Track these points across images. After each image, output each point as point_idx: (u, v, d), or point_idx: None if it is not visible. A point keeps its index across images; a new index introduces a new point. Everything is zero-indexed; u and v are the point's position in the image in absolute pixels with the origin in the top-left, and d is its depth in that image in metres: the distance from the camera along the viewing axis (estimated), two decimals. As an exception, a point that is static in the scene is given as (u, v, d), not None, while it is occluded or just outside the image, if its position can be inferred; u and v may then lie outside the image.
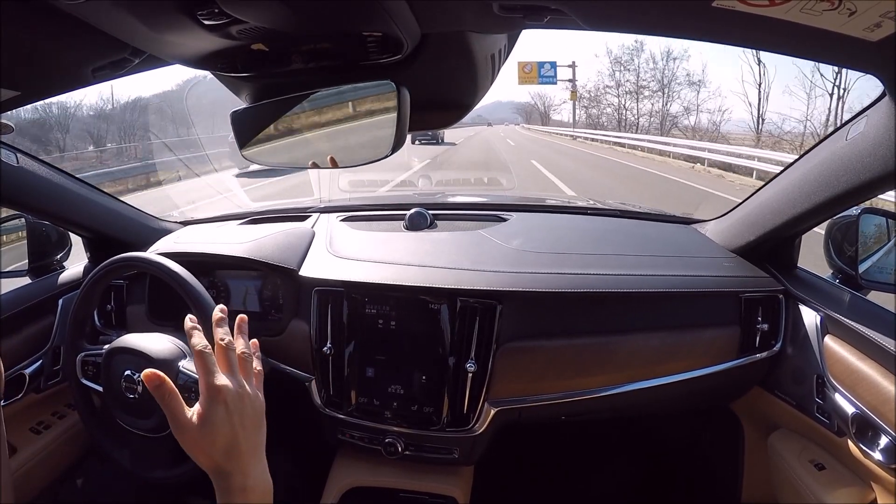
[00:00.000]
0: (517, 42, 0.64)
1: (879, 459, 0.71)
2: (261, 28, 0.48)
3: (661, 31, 0.51)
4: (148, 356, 0.82)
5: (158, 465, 0.89)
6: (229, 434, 0.49)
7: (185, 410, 0.50)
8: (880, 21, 0.40)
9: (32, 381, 1.03)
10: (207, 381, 0.50)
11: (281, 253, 1.04)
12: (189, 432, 0.49)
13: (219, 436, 0.48)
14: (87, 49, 0.55)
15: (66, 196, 1.05)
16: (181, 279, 0.80)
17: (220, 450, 0.49)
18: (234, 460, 0.49)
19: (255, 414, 0.51)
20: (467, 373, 0.92)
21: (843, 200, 0.77)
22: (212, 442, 0.48)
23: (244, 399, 0.51)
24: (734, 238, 1.03)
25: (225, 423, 0.49)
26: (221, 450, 0.49)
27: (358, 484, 1.04)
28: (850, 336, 0.80)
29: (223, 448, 0.49)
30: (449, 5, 0.49)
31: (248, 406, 0.51)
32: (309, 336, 0.99)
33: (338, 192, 1.69)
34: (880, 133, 0.64)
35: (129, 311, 1.14)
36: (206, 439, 0.48)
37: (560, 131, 30.53)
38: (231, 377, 0.51)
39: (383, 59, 0.54)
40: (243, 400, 0.50)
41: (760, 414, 1.03)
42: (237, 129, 0.65)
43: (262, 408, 0.53)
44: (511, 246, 1.04)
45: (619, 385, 0.94)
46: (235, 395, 0.50)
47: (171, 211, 1.50)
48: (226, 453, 0.49)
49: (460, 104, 0.65)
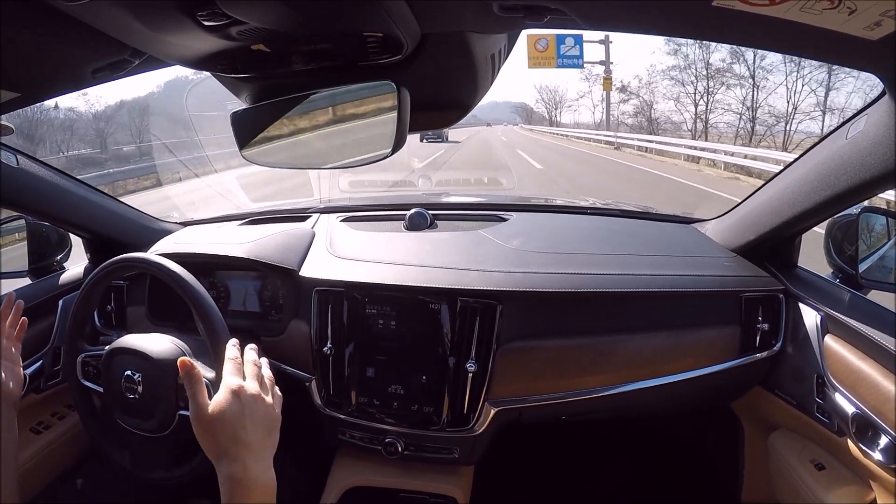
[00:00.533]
0: (517, 42, 0.64)
1: (879, 459, 0.71)
2: (261, 29, 0.48)
3: (661, 31, 0.51)
4: (148, 356, 0.82)
5: (158, 465, 0.89)
6: (238, 426, 0.54)
7: (206, 399, 0.56)
8: (880, 20, 0.40)
9: (32, 381, 1.03)
10: (230, 380, 0.57)
11: (281, 253, 1.04)
12: (203, 418, 0.55)
13: (228, 425, 0.54)
14: (86, 50, 0.55)
15: (66, 197, 1.05)
16: (181, 280, 0.80)
17: (226, 437, 0.54)
18: (237, 449, 0.54)
19: (267, 417, 0.57)
20: (467, 373, 0.92)
21: (843, 199, 0.77)
22: (221, 429, 0.54)
23: (258, 401, 0.57)
24: (734, 237, 1.03)
25: (237, 416, 0.55)
26: (228, 437, 0.54)
27: (358, 484, 1.04)
28: (851, 335, 0.80)
29: (230, 437, 0.54)
30: (449, 5, 0.49)
31: (261, 408, 0.57)
32: (309, 336, 0.99)
33: (338, 193, 1.69)
34: (880, 132, 0.64)
35: (130, 311, 1.14)
36: (216, 426, 0.54)
37: (567, 132, 24.67)
38: (252, 382, 0.58)
39: (383, 60, 0.54)
40: (257, 401, 0.57)
41: (761, 414, 1.03)
42: (237, 130, 0.65)
43: (277, 418, 0.59)
44: (511, 246, 1.04)
45: (619, 385, 0.94)
46: (251, 397, 0.56)
47: (170, 212, 1.50)
48: (232, 441, 0.54)
49: (460, 104, 0.65)
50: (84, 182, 1.11)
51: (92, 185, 1.15)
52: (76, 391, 0.90)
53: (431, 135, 15.35)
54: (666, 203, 5.99)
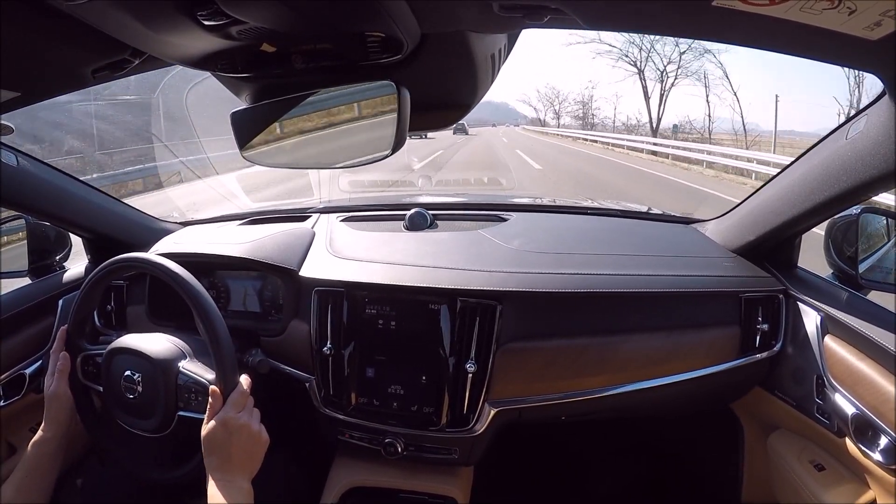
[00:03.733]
0: (517, 42, 0.64)
1: (879, 460, 0.71)
2: (260, 28, 0.48)
3: (661, 31, 0.51)
4: (148, 356, 0.82)
5: (158, 465, 0.89)
6: (223, 451, 0.71)
7: (205, 421, 0.73)
8: (880, 20, 0.40)
9: (32, 381, 1.03)
10: (224, 411, 0.73)
11: (281, 253, 1.04)
12: (203, 440, 0.72)
13: (215, 449, 0.71)
14: (86, 50, 0.55)
15: (67, 197, 1.05)
16: (181, 280, 0.80)
17: (214, 457, 0.71)
18: (220, 470, 0.71)
19: (250, 442, 0.73)
20: (467, 373, 0.92)
21: (843, 200, 0.77)
22: (209, 451, 0.72)
23: (243, 430, 0.73)
24: (734, 238, 1.03)
25: (222, 444, 0.71)
26: (215, 458, 0.71)
27: (358, 484, 1.04)
28: (851, 336, 0.80)
29: (217, 458, 0.71)
30: (449, 5, 0.49)
31: (245, 434, 0.73)
32: (309, 336, 0.99)
33: (338, 193, 1.70)
34: (880, 132, 0.64)
35: (130, 311, 1.14)
36: (208, 447, 0.72)
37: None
38: (243, 413, 0.74)
39: (383, 60, 0.54)
40: (242, 431, 0.73)
41: (760, 414, 1.03)
42: (237, 130, 0.65)
43: (263, 443, 0.75)
44: (511, 246, 1.04)
45: (619, 385, 0.94)
46: (238, 426, 0.73)
47: (171, 212, 1.50)
48: (221, 460, 0.71)
49: (460, 104, 0.65)
50: (84, 182, 1.11)
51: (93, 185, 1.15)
52: (76, 391, 0.90)
53: (457, 128, 18.43)
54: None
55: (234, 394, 0.75)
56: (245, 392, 0.76)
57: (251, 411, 0.76)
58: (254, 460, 0.74)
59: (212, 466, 0.71)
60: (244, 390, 0.77)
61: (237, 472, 0.71)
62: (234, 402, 0.74)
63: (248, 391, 0.77)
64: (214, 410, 0.73)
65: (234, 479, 0.70)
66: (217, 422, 0.72)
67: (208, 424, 0.72)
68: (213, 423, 0.72)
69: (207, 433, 0.72)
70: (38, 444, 0.80)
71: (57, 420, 0.82)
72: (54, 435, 0.81)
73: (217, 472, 0.70)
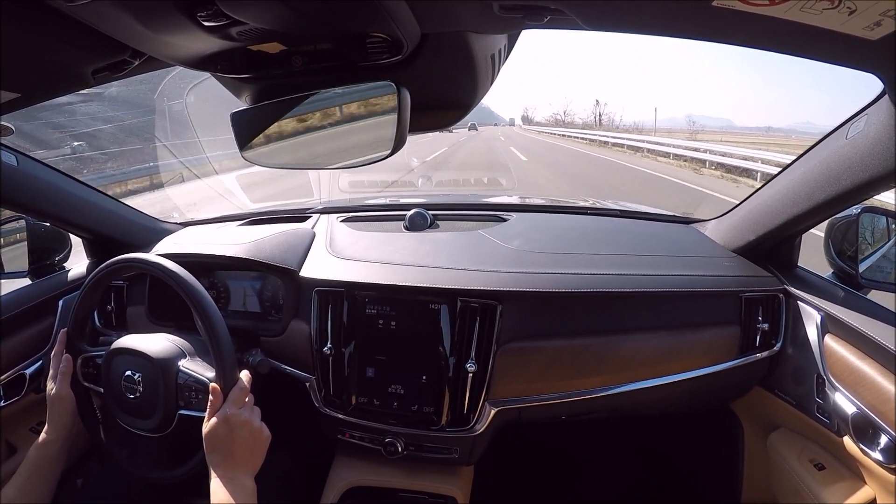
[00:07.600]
0: (517, 42, 0.64)
1: (879, 459, 0.71)
2: (260, 29, 0.48)
3: (661, 31, 0.51)
4: (148, 356, 0.82)
5: (158, 465, 0.89)
6: (225, 448, 0.71)
7: (206, 418, 0.73)
8: (880, 19, 0.40)
9: (32, 381, 1.03)
10: (225, 408, 0.73)
11: (281, 253, 1.04)
12: (205, 438, 0.72)
13: (217, 446, 0.72)
14: (87, 51, 0.55)
15: (67, 198, 1.05)
16: (181, 280, 0.80)
17: (216, 454, 0.71)
18: (223, 467, 0.70)
19: (252, 438, 0.73)
20: (467, 373, 0.92)
21: (843, 199, 0.77)
22: (211, 448, 0.72)
23: (245, 426, 0.73)
24: (734, 237, 1.03)
25: (224, 440, 0.72)
26: (218, 455, 0.71)
27: (358, 483, 1.04)
28: (851, 335, 0.80)
29: (221, 453, 0.71)
30: (449, 5, 0.49)
31: (247, 430, 0.73)
32: (309, 336, 0.99)
33: (338, 193, 1.70)
34: (880, 132, 0.64)
35: (130, 311, 1.14)
36: (210, 444, 0.72)
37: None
38: (244, 409, 0.75)
39: (383, 60, 0.54)
40: (244, 427, 0.73)
41: (760, 414, 1.03)
42: (237, 131, 0.65)
43: (264, 439, 0.75)
44: (511, 246, 1.04)
45: (619, 385, 0.94)
46: (239, 422, 0.73)
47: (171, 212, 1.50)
48: (223, 457, 0.71)
49: (460, 104, 0.65)
50: (84, 182, 1.11)
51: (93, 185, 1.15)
52: (76, 391, 0.90)
53: (471, 126, 21.43)
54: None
55: (235, 390, 0.75)
56: (245, 388, 0.76)
57: (252, 408, 0.76)
58: (256, 456, 0.74)
59: (214, 463, 0.71)
60: (244, 387, 0.77)
61: (240, 468, 0.71)
62: (235, 398, 0.75)
63: (249, 388, 0.77)
64: (215, 408, 0.73)
65: (236, 475, 0.70)
66: (218, 418, 0.72)
67: (209, 422, 0.72)
68: (214, 420, 0.72)
69: (209, 430, 0.72)
70: (41, 446, 0.80)
71: (60, 423, 0.82)
72: (58, 437, 0.81)
73: (220, 468, 0.70)
